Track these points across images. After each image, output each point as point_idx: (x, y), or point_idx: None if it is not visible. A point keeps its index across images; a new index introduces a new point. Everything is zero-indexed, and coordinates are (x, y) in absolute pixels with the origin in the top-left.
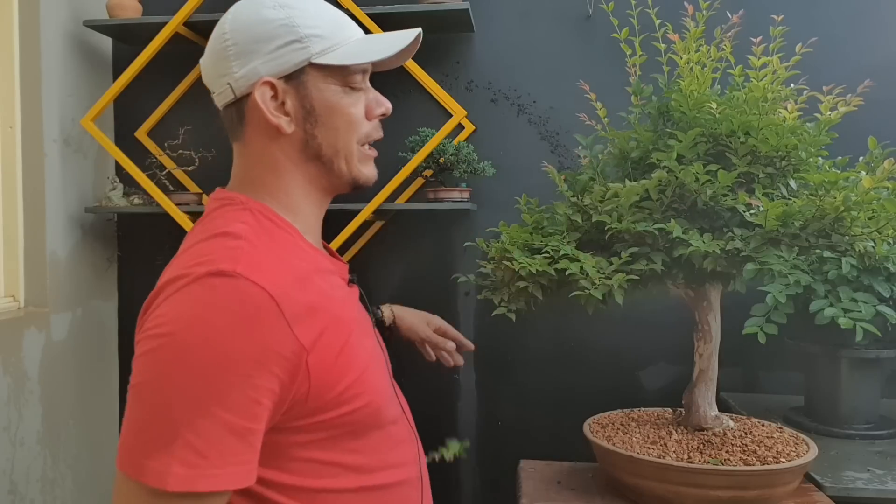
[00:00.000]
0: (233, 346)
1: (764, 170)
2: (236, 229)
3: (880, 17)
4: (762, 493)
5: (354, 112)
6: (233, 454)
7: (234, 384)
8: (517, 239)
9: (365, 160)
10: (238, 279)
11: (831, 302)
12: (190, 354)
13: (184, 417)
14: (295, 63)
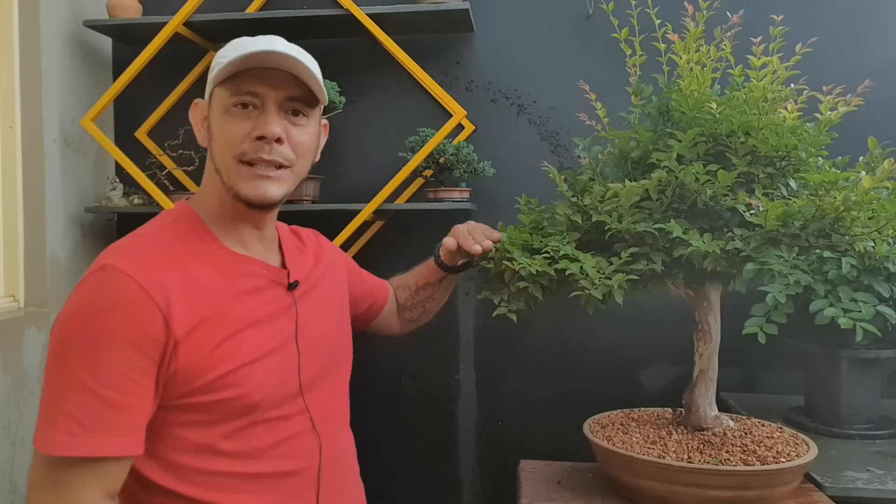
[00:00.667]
0: (106, 327)
1: (764, 170)
2: (146, 231)
3: (880, 17)
4: (762, 493)
5: (228, 129)
6: (111, 425)
7: (107, 361)
8: (517, 239)
9: (247, 177)
10: (118, 272)
11: (831, 302)
12: (71, 337)
13: (66, 392)
14: (209, 91)
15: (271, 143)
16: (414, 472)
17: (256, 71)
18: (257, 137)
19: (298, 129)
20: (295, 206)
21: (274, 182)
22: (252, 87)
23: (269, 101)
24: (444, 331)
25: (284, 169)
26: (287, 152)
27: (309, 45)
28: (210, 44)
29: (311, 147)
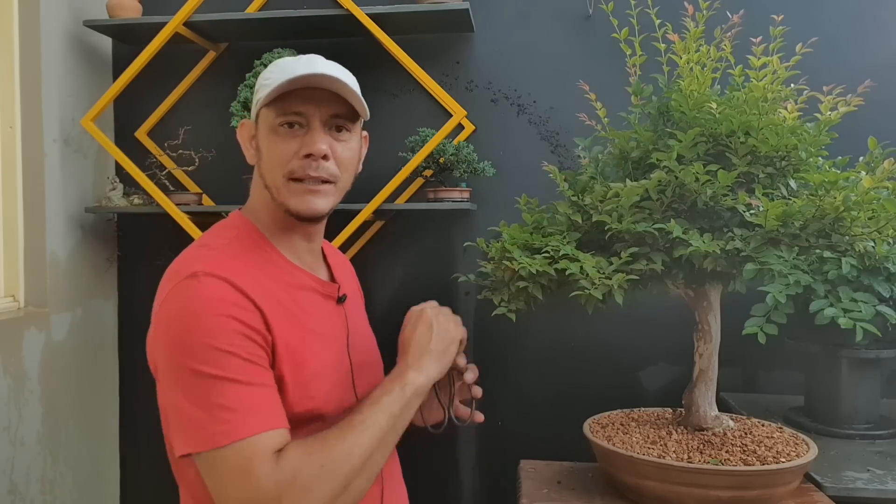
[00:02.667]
0: (217, 325)
1: (764, 170)
2: (215, 243)
3: (880, 17)
4: (762, 493)
5: (276, 149)
6: (258, 403)
7: (228, 353)
8: (517, 239)
9: (296, 193)
10: (210, 276)
11: (831, 302)
12: (185, 342)
13: (201, 391)
14: (255, 111)
15: (318, 159)
16: (414, 472)
17: (300, 91)
18: (305, 155)
19: (342, 145)
20: None
21: (321, 196)
22: (297, 107)
23: (314, 119)
24: None
25: (330, 184)
26: (332, 168)
27: (309, 45)
28: (210, 44)
29: (353, 161)
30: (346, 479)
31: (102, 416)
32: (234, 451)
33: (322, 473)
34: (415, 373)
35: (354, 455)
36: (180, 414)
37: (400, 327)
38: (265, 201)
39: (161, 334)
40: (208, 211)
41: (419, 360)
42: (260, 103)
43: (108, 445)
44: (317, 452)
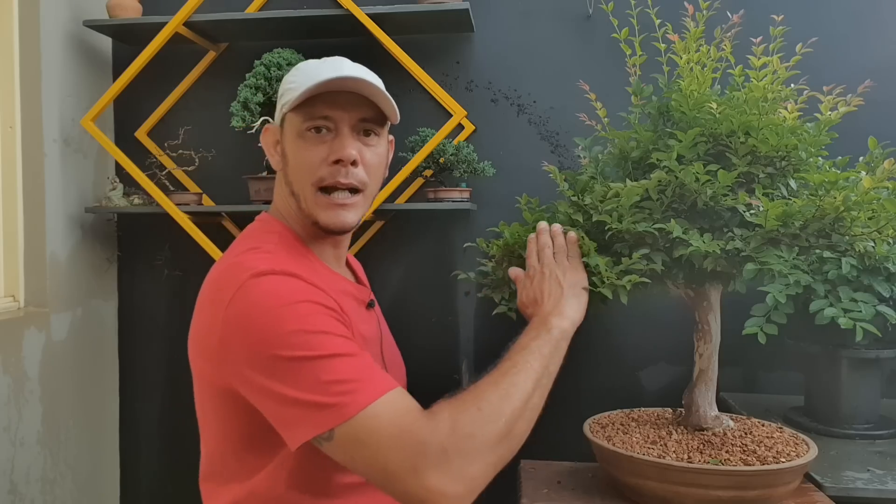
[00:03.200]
0: (301, 311)
1: (764, 170)
2: (265, 247)
3: (880, 17)
4: (762, 493)
5: (304, 155)
6: (368, 370)
7: (321, 334)
8: (519, 238)
9: (324, 205)
10: (275, 273)
11: (831, 302)
12: (274, 335)
13: (310, 374)
14: (279, 113)
15: (347, 165)
16: None
17: (327, 95)
18: (334, 161)
19: (371, 150)
20: None
21: (350, 209)
22: (325, 112)
23: (342, 123)
24: (444, 331)
25: (358, 194)
26: (361, 174)
27: (309, 45)
28: (210, 44)
29: (381, 166)
30: (509, 422)
31: (102, 416)
32: (371, 417)
33: (481, 417)
34: (557, 318)
35: (513, 396)
36: (287, 405)
37: (400, 327)
38: (292, 209)
39: (239, 335)
40: (208, 211)
41: (557, 307)
42: (285, 107)
43: (108, 445)
44: (470, 401)
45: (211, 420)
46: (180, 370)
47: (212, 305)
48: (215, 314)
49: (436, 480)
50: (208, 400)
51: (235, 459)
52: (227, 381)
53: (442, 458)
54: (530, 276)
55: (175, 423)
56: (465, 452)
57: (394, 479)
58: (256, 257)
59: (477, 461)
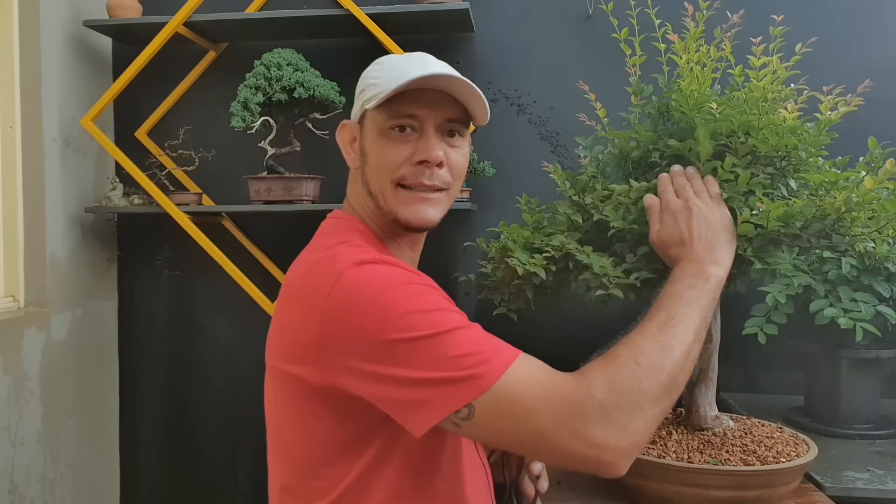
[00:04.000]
0: (411, 292)
1: (764, 170)
2: (354, 241)
3: (880, 17)
4: (762, 493)
5: (387, 154)
6: (493, 339)
7: (434, 313)
8: (519, 238)
9: (406, 201)
10: (376, 262)
11: (831, 302)
12: (386, 317)
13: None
14: (359, 109)
15: (432, 167)
16: None
17: (414, 93)
18: (419, 162)
19: (455, 151)
20: (295, 206)
21: (433, 205)
22: (411, 110)
23: (427, 123)
24: None
25: (442, 192)
26: (446, 175)
27: (309, 45)
28: (210, 44)
29: (464, 169)
30: (670, 374)
31: (102, 416)
32: (512, 384)
33: (640, 371)
34: (713, 266)
35: (674, 349)
36: (413, 388)
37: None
38: (369, 209)
39: (346, 325)
40: (208, 211)
41: (710, 252)
42: (368, 104)
43: (108, 445)
44: (625, 356)
45: (298, 428)
46: (180, 370)
47: (305, 299)
48: (312, 308)
49: (600, 436)
50: (296, 405)
51: (323, 467)
52: (328, 378)
53: (602, 414)
54: (672, 212)
55: (175, 423)
56: (625, 408)
57: (552, 442)
58: (350, 250)
59: (639, 416)
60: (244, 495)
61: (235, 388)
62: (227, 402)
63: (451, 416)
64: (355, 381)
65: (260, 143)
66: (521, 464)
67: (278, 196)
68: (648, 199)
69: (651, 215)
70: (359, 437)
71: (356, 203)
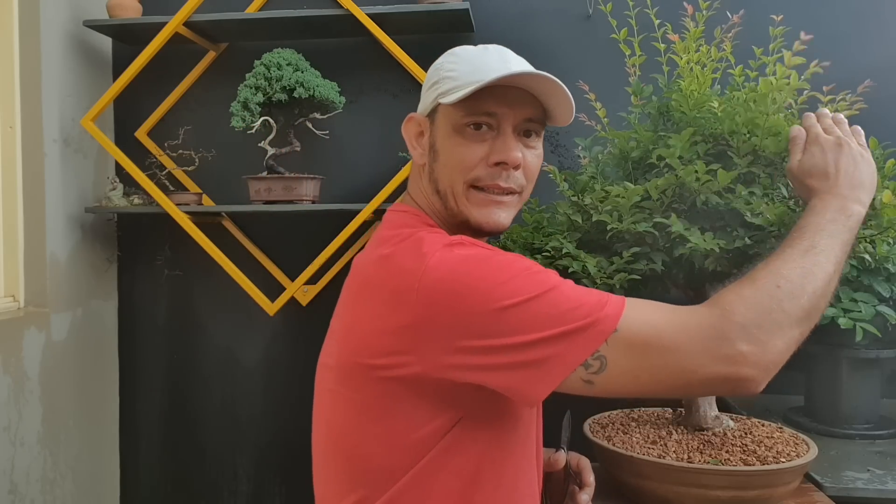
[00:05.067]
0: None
1: (765, 170)
2: (425, 230)
3: (881, 17)
4: (762, 493)
5: (462, 152)
6: (592, 288)
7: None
8: (517, 238)
9: (478, 203)
10: (459, 244)
11: (831, 302)
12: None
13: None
14: (430, 102)
15: (509, 169)
16: None
17: (493, 89)
18: (496, 163)
19: (531, 152)
20: (295, 206)
21: (505, 208)
22: (491, 108)
23: (506, 122)
24: None
25: (515, 195)
26: (521, 178)
27: (309, 45)
28: (210, 44)
29: (538, 170)
30: (811, 299)
31: (102, 416)
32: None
33: (780, 293)
34: (857, 206)
35: (816, 276)
36: (531, 350)
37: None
38: (435, 207)
39: (446, 305)
40: (208, 211)
41: (854, 190)
42: (443, 98)
43: (108, 445)
44: (764, 278)
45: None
46: (180, 370)
47: (391, 287)
48: (402, 294)
49: (741, 351)
50: (376, 403)
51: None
52: (426, 364)
53: (742, 332)
54: (822, 145)
55: (175, 423)
56: (764, 326)
57: (694, 372)
58: (434, 235)
59: (779, 335)
60: (244, 495)
61: (235, 388)
62: (228, 402)
63: (582, 372)
64: (463, 362)
65: (260, 143)
66: (564, 491)
67: (278, 196)
68: (795, 129)
69: (795, 145)
70: (434, 434)
71: (420, 199)
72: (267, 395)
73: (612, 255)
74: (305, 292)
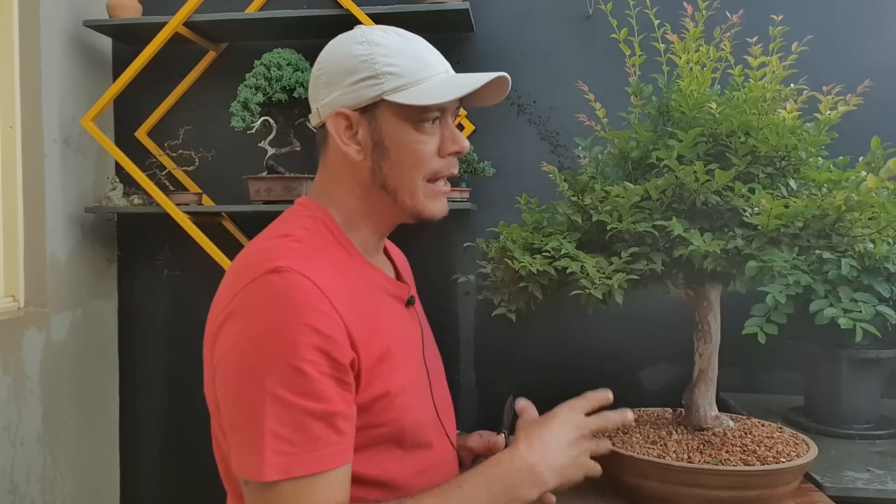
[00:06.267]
0: (293, 332)
1: (764, 170)
2: (297, 234)
3: (881, 17)
4: (762, 493)
5: (422, 149)
6: (320, 436)
7: (301, 369)
8: (517, 238)
9: (432, 196)
10: (294, 273)
11: (831, 302)
12: (257, 348)
13: (265, 410)
14: (369, 98)
15: (456, 156)
16: None
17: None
18: (451, 153)
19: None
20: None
21: (446, 196)
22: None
23: (448, 112)
24: (444, 331)
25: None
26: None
27: (309, 45)
28: (210, 44)
29: None
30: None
31: (102, 416)
32: (285, 492)
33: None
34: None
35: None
36: (237, 430)
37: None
38: (369, 203)
39: (236, 333)
40: (208, 211)
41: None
42: (392, 95)
43: (108, 445)
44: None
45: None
46: (180, 370)
47: (223, 291)
48: (222, 300)
49: None
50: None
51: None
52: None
53: None
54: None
55: (175, 423)
56: None
57: None
58: (279, 247)
59: None
60: None
61: None
62: None
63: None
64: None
65: (260, 143)
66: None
67: (278, 196)
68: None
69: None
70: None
71: (351, 194)
72: None
73: (611, 255)
74: None
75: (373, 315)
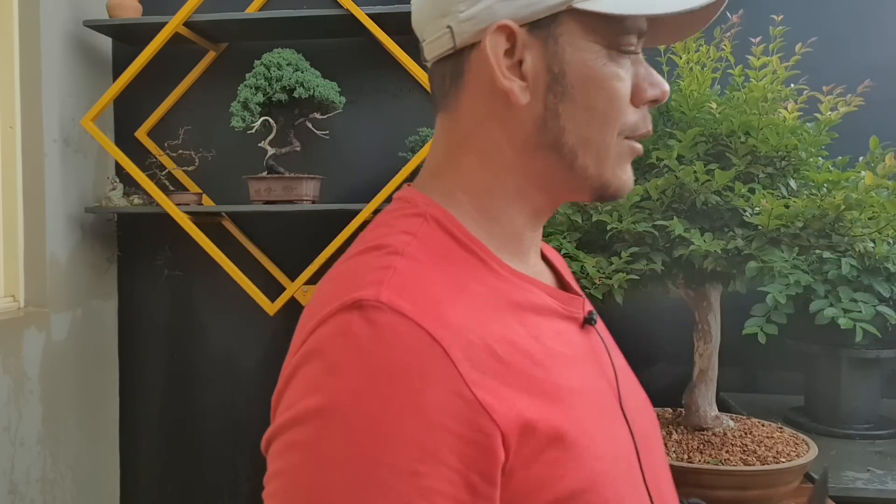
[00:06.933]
0: (382, 423)
1: (764, 170)
2: (394, 243)
3: (881, 17)
4: (762, 493)
5: (621, 87)
6: None
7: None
8: None
9: (624, 159)
10: (380, 311)
11: (831, 302)
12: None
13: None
14: (549, 6)
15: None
16: None
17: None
18: (652, 100)
19: None
20: (295, 206)
21: None
22: (643, 23)
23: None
24: None
25: None
26: None
27: (309, 45)
28: (210, 44)
29: None
30: None
31: (102, 416)
32: None
33: None
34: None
35: None
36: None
37: None
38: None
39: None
40: (208, 211)
41: None
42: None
43: (108, 445)
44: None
45: None
46: (180, 370)
47: (298, 330)
48: (295, 344)
49: None
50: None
51: None
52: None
53: None
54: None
55: (175, 423)
56: None
57: None
58: (374, 265)
59: None
60: (244, 495)
61: (235, 388)
62: (228, 402)
63: None
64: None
65: (260, 143)
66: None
67: (278, 196)
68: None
69: None
70: None
71: (466, 166)
72: (267, 396)
73: (611, 255)
74: (305, 292)
75: (536, 365)
